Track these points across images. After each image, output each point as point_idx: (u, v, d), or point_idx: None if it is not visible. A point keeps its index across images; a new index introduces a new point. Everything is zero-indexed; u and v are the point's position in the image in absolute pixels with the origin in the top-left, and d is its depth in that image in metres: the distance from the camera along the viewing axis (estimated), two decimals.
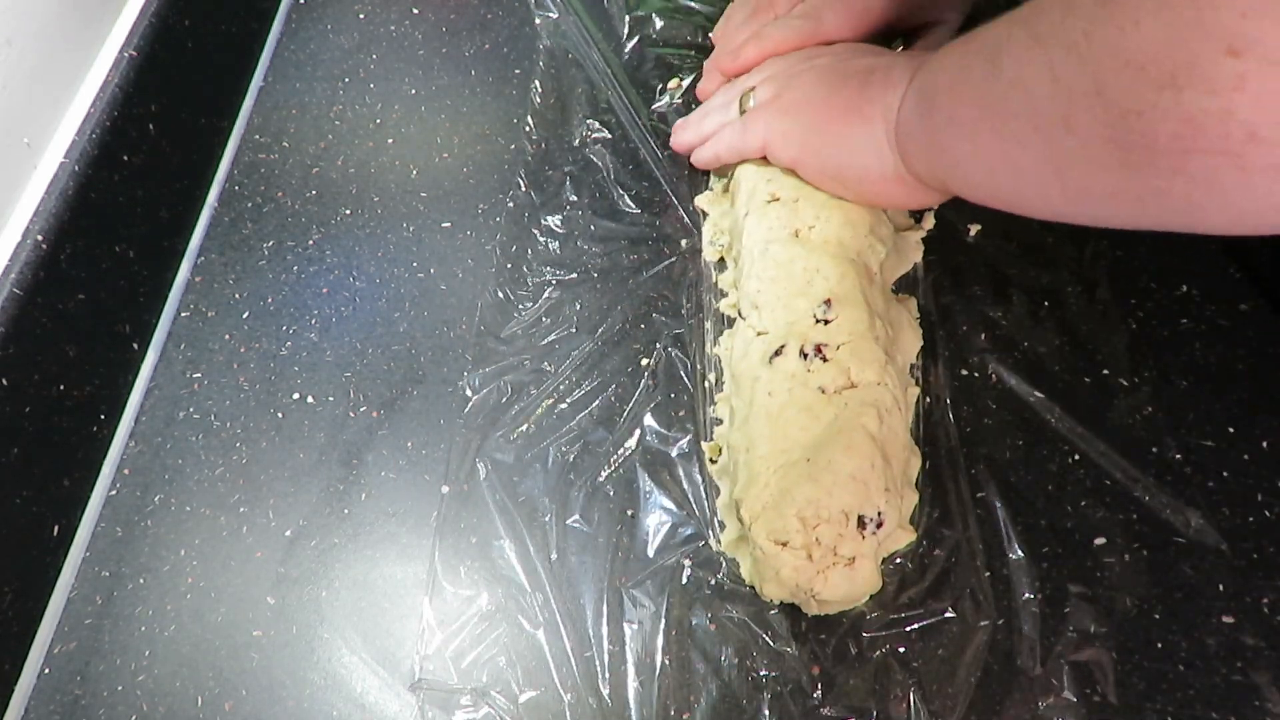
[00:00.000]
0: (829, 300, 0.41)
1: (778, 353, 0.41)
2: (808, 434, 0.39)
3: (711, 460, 0.43)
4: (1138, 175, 0.28)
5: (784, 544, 0.37)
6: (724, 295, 0.47)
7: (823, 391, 0.40)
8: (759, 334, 0.42)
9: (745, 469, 0.39)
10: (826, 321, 0.41)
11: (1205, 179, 0.26)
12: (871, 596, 0.39)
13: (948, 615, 0.39)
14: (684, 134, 0.51)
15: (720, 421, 0.44)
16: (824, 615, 0.39)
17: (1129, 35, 0.26)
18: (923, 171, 0.39)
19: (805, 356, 0.40)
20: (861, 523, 0.37)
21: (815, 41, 0.48)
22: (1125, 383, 0.44)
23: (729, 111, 0.48)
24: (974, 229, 0.49)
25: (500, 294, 0.49)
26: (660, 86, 0.57)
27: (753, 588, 0.40)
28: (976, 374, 0.45)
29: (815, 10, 0.48)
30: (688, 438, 0.44)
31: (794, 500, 0.37)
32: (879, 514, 0.38)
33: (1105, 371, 0.44)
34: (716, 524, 0.41)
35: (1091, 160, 0.29)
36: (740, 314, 0.44)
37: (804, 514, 0.37)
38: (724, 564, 0.41)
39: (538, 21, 0.61)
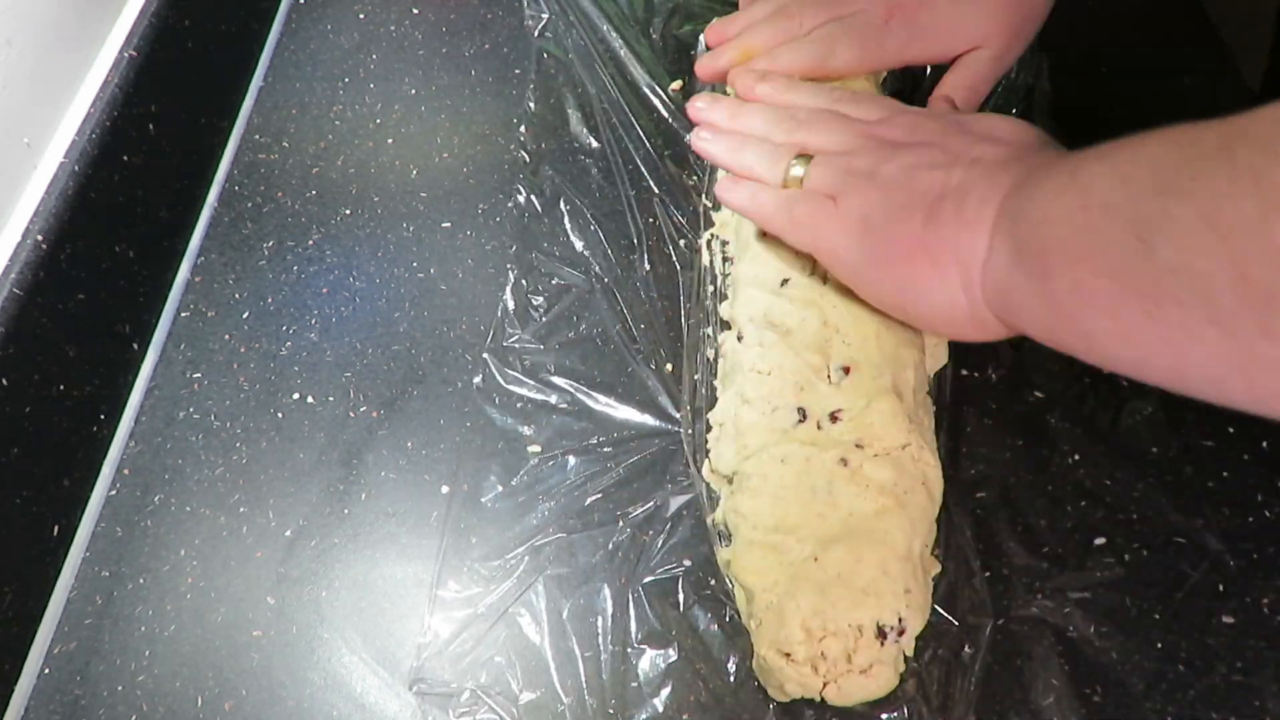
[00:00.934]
0: (847, 368, 0.40)
1: (800, 419, 0.39)
2: (823, 523, 0.37)
3: (714, 470, 0.42)
4: None
5: (788, 655, 0.35)
6: (724, 298, 0.47)
7: (844, 463, 0.38)
8: (764, 374, 0.41)
9: (747, 542, 0.38)
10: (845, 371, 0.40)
11: None
12: None
13: (948, 616, 0.39)
14: (714, 145, 0.44)
15: (710, 428, 0.43)
16: None
17: None
18: (1039, 334, 0.34)
19: (820, 427, 0.39)
20: (881, 631, 0.35)
21: (821, 74, 0.46)
22: (1125, 383, 0.44)
23: (774, 161, 0.42)
24: None
25: (507, 300, 0.49)
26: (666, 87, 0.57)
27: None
28: (976, 374, 0.45)
29: (829, 40, 0.46)
30: (689, 443, 0.44)
31: (799, 609, 0.35)
32: (900, 620, 0.35)
33: (1105, 371, 0.44)
34: (716, 534, 0.41)
35: None
36: (740, 336, 0.43)
37: (809, 625, 0.35)
38: None
39: (528, 23, 0.60)
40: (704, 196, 0.52)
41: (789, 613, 0.35)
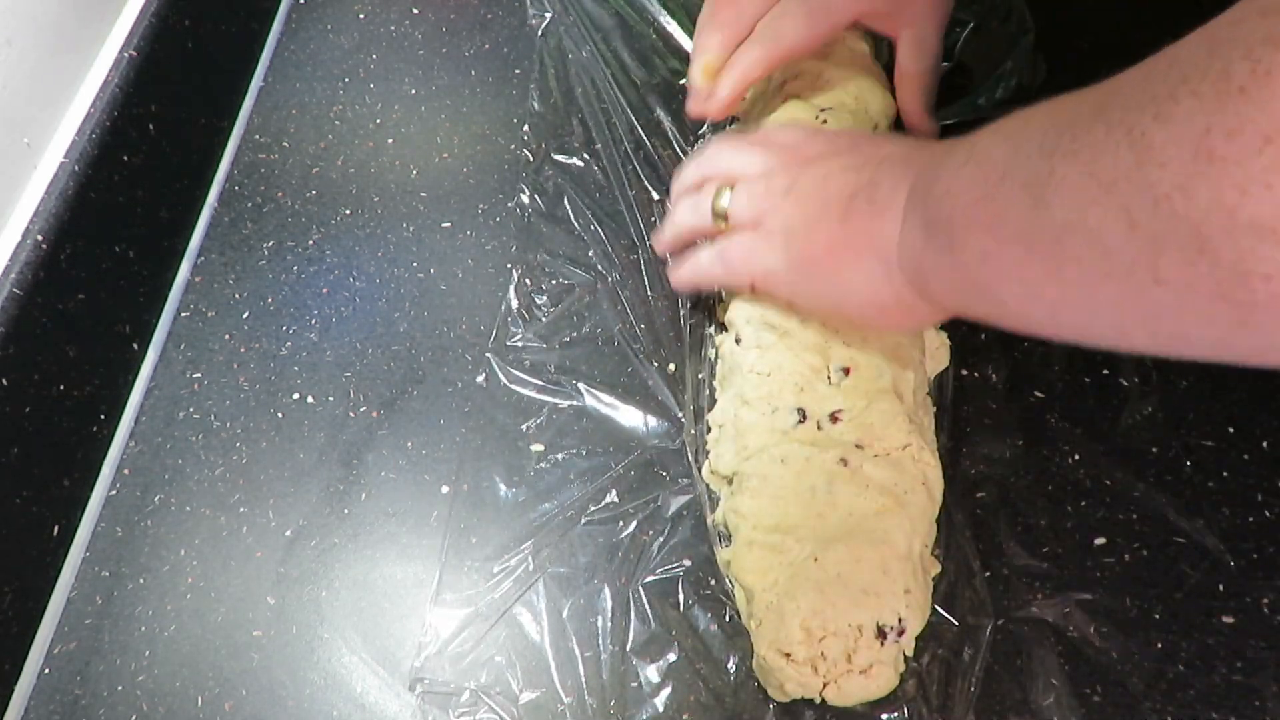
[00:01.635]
0: (847, 369, 0.40)
1: (800, 419, 0.40)
2: (822, 523, 0.37)
3: (714, 471, 0.42)
4: (1258, 333, 0.25)
5: (788, 655, 0.35)
6: (722, 300, 0.47)
7: (844, 463, 0.38)
8: (764, 376, 0.41)
9: (747, 542, 0.38)
10: (846, 371, 0.40)
11: None
12: None
13: (948, 616, 0.39)
14: (661, 241, 0.47)
15: (710, 429, 0.43)
16: None
17: (1259, 200, 0.22)
18: (957, 307, 0.36)
19: (820, 428, 0.39)
20: (881, 632, 0.35)
21: (780, 60, 0.47)
22: (1125, 383, 0.44)
23: (700, 208, 0.44)
24: None
25: (510, 300, 0.49)
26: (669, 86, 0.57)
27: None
28: (976, 374, 0.45)
29: (774, 26, 0.46)
30: (691, 443, 0.44)
31: (799, 609, 0.35)
32: (899, 620, 0.35)
33: (1105, 372, 0.44)
34: (716, 534, 0.41)
35: (1192, 312, 0.26)
36: (740, 342, 0.43)
37: (809, 625, 0.35)
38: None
39: (532, 22, 0.61)
40: None
41: (789, 613, 0.35)
